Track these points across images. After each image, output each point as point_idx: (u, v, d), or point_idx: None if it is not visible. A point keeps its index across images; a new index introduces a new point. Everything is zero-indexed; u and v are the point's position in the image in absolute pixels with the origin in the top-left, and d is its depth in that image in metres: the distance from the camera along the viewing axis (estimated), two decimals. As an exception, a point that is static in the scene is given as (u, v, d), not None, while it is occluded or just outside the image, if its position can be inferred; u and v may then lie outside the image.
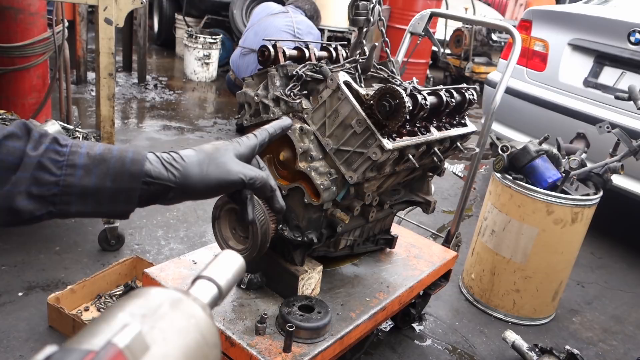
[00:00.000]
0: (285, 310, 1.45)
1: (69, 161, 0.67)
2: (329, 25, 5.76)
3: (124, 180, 0.70)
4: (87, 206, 0.70)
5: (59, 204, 0.68)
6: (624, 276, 3.11)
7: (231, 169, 0.77)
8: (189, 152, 0.76)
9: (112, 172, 0.69)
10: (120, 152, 0.71)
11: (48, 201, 0.67)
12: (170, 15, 6.88)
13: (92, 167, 0.68)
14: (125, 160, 0.70)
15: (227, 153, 0.79)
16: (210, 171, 0.76)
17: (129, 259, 2.22)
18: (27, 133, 0.67)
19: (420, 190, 1.87)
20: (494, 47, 7.33)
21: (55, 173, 0.67)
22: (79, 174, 0.68)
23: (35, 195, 0.66)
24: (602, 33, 3.22)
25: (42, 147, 0.66)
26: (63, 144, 0.68)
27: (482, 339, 2.33)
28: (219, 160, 0.77)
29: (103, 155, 0.69)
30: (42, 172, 0.66)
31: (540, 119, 3.47)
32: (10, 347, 1.86)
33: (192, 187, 0.75)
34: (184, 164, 0.74)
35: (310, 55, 1.66)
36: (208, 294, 0.51)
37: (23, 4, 2.74)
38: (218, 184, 0.76)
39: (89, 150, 0.69)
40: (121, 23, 2.10)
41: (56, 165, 0.67)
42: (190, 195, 0.76)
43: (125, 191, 0.71)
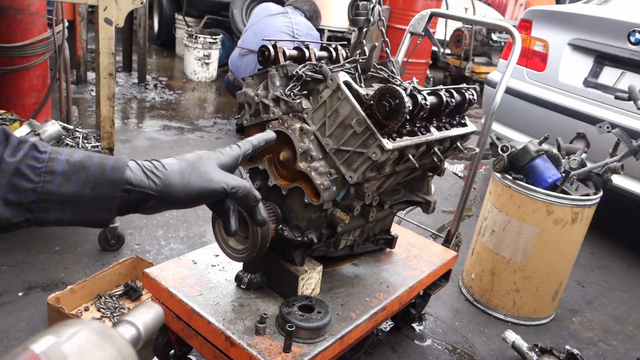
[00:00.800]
0: (285, 310, 1.45)
1: (48, 168, 0.66)
2: (329, 25, 5.76)
3: (104, 187, 0.68)
4: (65, 214, 0.68)
5: (37, 211, 0.66)
6: (624, 276, 3.11)
7: (213, 177, 0.77)
8: (171, 160, 0.75)
9: (91, 179, 0.68)
10: (100, 159, 0.69)
11: (25, 208, 0.65)
12: (170, 15, 6.88)
13: (71, 174, 0.67)
14: (105, 167, 0.68)
15: (210, 162, 0.78)
16: (192, 180, 0.75)
17: (129, 259, 2.22)
18: (5, 139, 0.65)
19: (420, 190, 1.87)
20: (494, 47, 7.33)
21: (33, 180, 0.65)
22: (57, 181, 0.66)
23: (12, 202, 0.64)
24: (602, 33, 3.22)
25: (20, 154, 0.65)
26: (42, 151, 0.66)
27: (482, 339, 2.33)
28: (201, 169, 0.76)
29: (83, 162, 0.68)
30: (20, 179, 0.64)
31: (540, 119, 3.47)
32: (10, 347, 1.86)
33: (174, 196, 0.74)
34: (165, 172, 0.73)
35: (310, 55, 1.66)
36: (127, 332, 0.52)
37: (23, 4, 2.74)
38: (199, 192, 0.75)
39: (68, 157, 0.67)
40: (121, 23, 2.10)
41: (34, 171, 0.65)
42: (172, 204, 0.75)
43: (105, 199, 0.69)
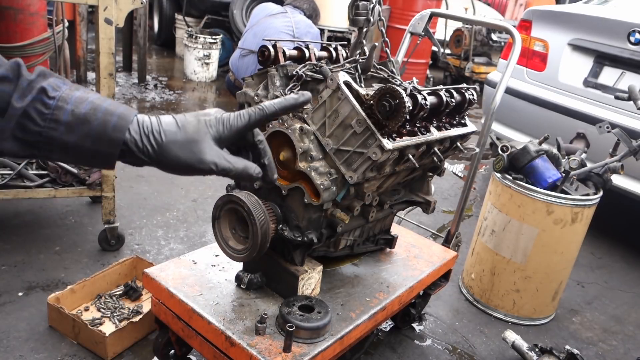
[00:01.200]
0: (285, 310, 1.45)
1: (54, 116, 0.69)
2: (329, 25, 5.76)
3: (103, 144, 0.71)
4: (67, 158, 0.73)
5: (42, 150, 0.71)
6: (624, 276, 3.11)
7: (203, 158, 0.76)
8: (171, 126, 0.76)
9: (93, 134, 0.71)
10: (105, 114, 0.71)
11: (32, 146, 0.70)
12: (170, 15, 6.88)
13: (74, 126, 0.70)
14: (107, 125, 0.71)
15: (206, 138, 0.77)
16: (182, 155, 0.75)
17: (129, 259, 2.22)
18: (17, 78, 0.68)
19: (420, 190, 1.87)
20: (494, 47, 7.33)
21: (39, 124, 0.68)
22: (61, 130, 0.69)
23: (19, 139, 0.69)
24: (602, 33, 3.22)
25: (28, 98, 0.68)
26: (51, 96, 0.69)
27: (482, 339, 2.33)
28: (194, 147, 0.76)
29: (87, 116, 0.70)
30: (27, 121, 0.68)
31: (540, 119, 3.47)
32: (10, 347, 1.86)
33: (166, 165, 0.76)
34: (160, 142, 0.74)
35: (310, 55, 1.66)
36: None
37: (23, 4, 2.74)
38: (187, 168, 0.77)
39: (74, 108, 0.70)
40: (121, 23, 2.10)
41: (41, 116, 0.68)
42: (164, 170, 0.78)
43: (103, 154, 0.73)
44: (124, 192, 3.07)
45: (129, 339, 1.93)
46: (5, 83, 0.68)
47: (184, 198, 3.15)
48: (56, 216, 2.74)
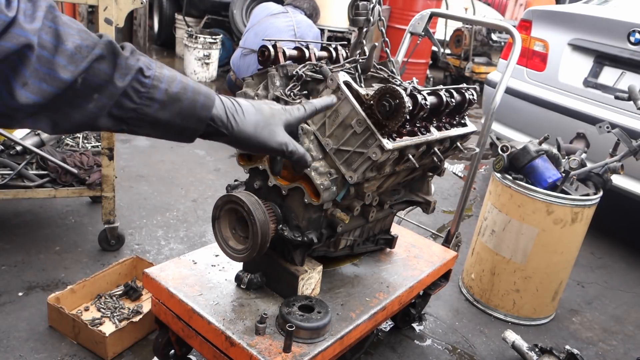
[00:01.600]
0: (285, 310, 1.45)
1: (149, 94, 0.74)
2: (329, 25, 5.75)
3: (192, 121, 0.79)
4: (155, 132, 0.78)
5: (132, 125, 0.76)
6: (624, 276, 3.11)
7: (277, 138, 0.87)
8: (249, 107, 0.85)
9: (184, 112, 0.78)
10: (194, 93, 0.78)
11: (124, 121, 0.75)
12: (170, 15, 6.87)
13: (167, 104, 0.76)
14: (196, 103, 0.79)
15: (279, 122, 0.88)
16: (261, 134, 0.85)
17: (129, 259, 2.22)
18: (114, 57, 0.71)
19: (420, 190, 1.87)
20: (494, 47, 7.33)
21: (136, 101, 0.73)
22: (154, 107, 0.75)
23: (114, 115, 0.73)
24: (602, 33, 3.22)
25: (129, 78, 0.72)
26: (147, 75, 0.74)
27: (482, 339, 2.33)
28: (271, 128, 0.86)
29: (179, 95, 0.77)
30: (125, 99, 0.73)
31: (540, 119, 3.47)
32: (10, 347, 1.86)
33: (242, 141, 0.85)
34: (242, 119, 0.84)
35: (310, 55, 1.66)
36: None
37: None
38: (263, 146, 0.86)
39: (167, 87, 0.75)
40: (121, 23, 2.10)
41: (137, 94, 0.73)
42: (237, 145, 0.86)
43: (191, 130, 0.80)
44: (124, 192, 3.07)
45: (129, 339, 1.93)
46: (104, 62, 0.70)
47: (184, 198, 3.15)
48: (56, 216, 2.74)
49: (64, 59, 0.66)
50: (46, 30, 0.65)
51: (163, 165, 3.58)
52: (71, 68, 0.66)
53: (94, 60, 0.68)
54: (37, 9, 0.64)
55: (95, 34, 0.71)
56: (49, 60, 0.65)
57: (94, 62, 0.68)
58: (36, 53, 0.63)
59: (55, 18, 0.66)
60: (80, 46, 0.67)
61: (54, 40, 0.65)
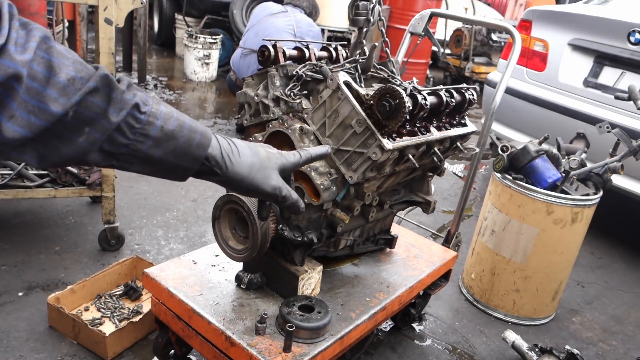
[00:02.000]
0: (285, 310, 1.45)
1: (144, 130, 0.71)
2: (329, 25, 5.76)
3: (186, 159, 0.76)
4: (146, 169, 0.76)
5: (123, 161, 0.73)
6: (624, 276, 3.11)
7: (271, 182, 0.86)
8: (245, 149, 0.84)
9: (178, 150, 0.75)
10: (190, 131, 0.76)
11: (114, 157, 0.72)
12: (170, 15, 6.87)
13: (162, 141, 0.73)
14: (192, 142, 0.76)
15: (275, 166, 0.87)
16: (255, 177, 0.83)
17: (129, 259, 2.22)
18: (109, 90, 0.68)
19: (420, 190, 1.87)
20: (494, 47, 7.33)
21: (129, 137, 0.71)
22: (148, 144, 0.72)
23: (105, 151, 0.70)
24: (602, 33, 3.22)
25: (123, 113, 0.69)
26: (142, 111, 0.71)
27: (482, 339, 2.33)
28: (266, 171, 0.85)
29: (174, 132, 0.74)
30: (118, 134, 0.70)
31: (540, 119, 3.47)
32: (10, 347, 1.86)
33: (235, 183, 0.82)
34: (237, 160, 0.82)
35: (310, 55, 1.66)
36: None
37: (23, 4, 2.74)
38: (255, 189, 0.84)
39: (163, 124, 0.73)
40: (121, 23, 2.10)
41: (131, 130, 0.70)
42: (229, 186, 0.84)
43: (184, 168, 0.77)
44: (124, 192, 3.07)
45: (129, 339, 1.93)
46: (97, 95, 0.67)
47: (184, 198, 3.15)
48: (56, 216, 2.74)
49: (56, 91, 0.63)
50: (38, 61, 0.62)
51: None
52: (62, 101, 0.64)
53: (87, 93, 0.66)
54: (30, 39, 0.61)
55: (91, 66, 0.69)
56: (39, 92, 0.62)
57: (87, 95, 0.66)
58: (25, 84, 0.60)
59: (49, 49, 0.63)
60: (74, 78, 0.65)
61: (46, 72, 0.63)
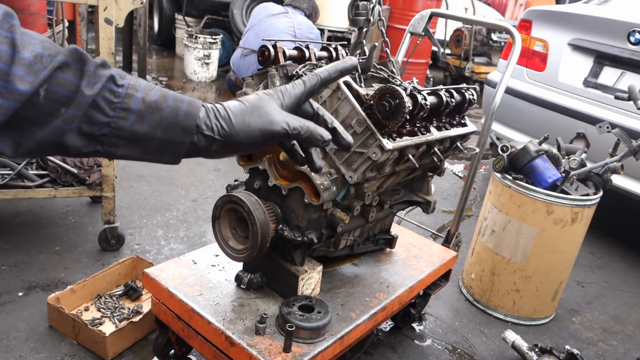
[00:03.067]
0: (285, 310, 1.45)
1: (124, 104, 0.65)
2: (329, 25, 5.75)
3: (175, 132, 0.69)
4: (134, 151, 0.69)
5: (107, 144, 0.67)
6: (624, 276, 3.11)
7: (274, 119, 0.74)
8: (233, 102, 0.75)
9: (164, 122, 0.68)
10: (175, 101, 0.69)
11: (97, 140, 0.66)
12: (170, 15, 6.88)
13: (145, 114, 0.66)
14: (179, 112, 0.68)
15: (270, 102, 0.75)
16: (252, 122, 0.73)
17: (129, 259, 2.22)
18: (81, 64, 0.63)
19: (420, 190, 1.87)
20: (494, 47, 7.33)
21: (108, 114, 0.65)
22: (131, 119, 0.66)
23: (85, 133, 0.65)
24: (602, 33, 3.22)
25: (98, 86, 0.63)
26: (119, 84, 0.65)
27: (482, 339, 2.33)
28: (262, 110, 0.74)
29: (157, 103, 0.67)
30: (95, 111, 0.64)
31: (540, 119, 3.47)
32: (10, 347, 1.86)
33: (236, 139, 0.72)
34: (228, 117, 0.72)
35: (310, 56, 1.66)
36: None
37: (23, 4, 2.74)
38: (261, 134, 0.73)
39: (144, 96, 0.67)
40: (121, 23, 2.10)
41: (110, 106, 0.64)
42: (234, 148, 0.74)
43: (175, 143, 0.70)
44: (124, 192, 3.07)
45: (129, 339, 1.93)
46: (68, 70, 0.62)
47: (184, 198, 3.15)
48: (56, 216, 2.74)
49: (22, 68, 0.59)
50: (2, 40, 0.58)
51: (163, 165, 3.58)
52: (29, 79, 0.59)
53: (57, 69, 0.61)
54: None
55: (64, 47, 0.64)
56: (5, 72, 0.58)
57: (57, 70, 0.61)
58: None
59: (12, 27, 0.60)
60: (41, 55, 0.61)
61: (10, 50, 0.59)
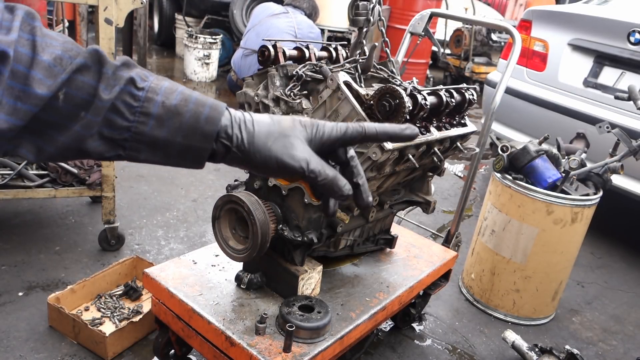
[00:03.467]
0: (285, 310, 1.45)
1: (143, 108, 0.63)
2: (329, 25, 5.76)
3: (196, 138, 0.66)
4: (155, 156, 0.67)
5: (129, 149, 0.65)
6: (624, 276, 3.11)
7: (296, 153, 0.69)
8: (264, 118, 0.71)
9: (184, 127, 0.65)
10: (196, 105, 0.67)
11: (118, 144, 0.64)
12: (170, 15, 6.88)
13: (165, 119, 0.65)
14: (200, 117, 0.66)
15: (300, 135, 0.71)
16: (274, 147, 0.69)
17: (129, 259, 2.22)
18: (100, 66, 0.62)
19: (420, 190, 1.87)
20: (494, 47, 7.33)
21: (128, 118, 0.63)
22: (151, 124, 0.64)
23: (106, 137, 0.63)
24: (602, 33, 3.22)
25: (116, 90, 0.62)
26: (139, 87, 0.64)
27: (482, 339, 2.33)
28: (287, 140, 0.70)
29: (178, 107, 0.65)
30: (115, 115, 0.62)
31: (540, 119, 3.47)
32: (11, 347, 1.86)
33: (251, 157, 0.69)
34: (252, 131, 0.69)
35: (310, 55, 1.66)
36: None
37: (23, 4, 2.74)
38: (277, 163, 0.69)
39: (164, 100, 0.65)
40: (121, 23, 2.10)
41: (130, 110, 0.63)
42: (247, 164, 0.71)
43: (196, 149, 0.67)
44: (124, 192, 3.07)
45: (129, 339, 1.93)
46: (87, 73, 0.61)
47: (184, 198, 3.15)
48: (56, 216, 2.74)
49: (41, 72, 0.58)
50: (22, 42, 0.57)
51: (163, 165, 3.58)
52: (48, 82, 0.58)
53: (75, 71, 0.60)
54: (15, 19, 0.57)
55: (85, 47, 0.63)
56: (24, 75, 0.57)
57: (75, 72, 0.60)
58: (11, 67, 0.56)
59: (33, 29, 0.59)
60: (61, 57, 0.60)
61: (30, 53, 0.58)
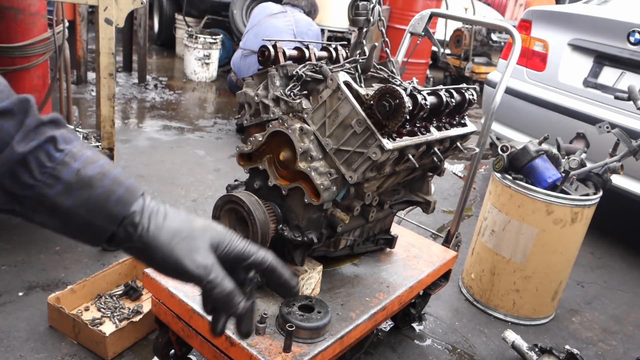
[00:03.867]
0: (285, 310, 1.46)
1: (55, 171, 0.59)
2: (329, 25, 5.76)
3: (100, 216, 0.62)
4: (53, 222, 0.62)
5: (26, 207, 0.61)
6: (624, 276, 3.11)
7: (197, 257, 0.65)
8: (177, 214, 0.67)
9: (92, 202, 0.61)
10: (113, 182, 0.62)
11: (16, 200, 0.60)
12: (171, 16, 6.88)
13: (75, 188, 0.60)
14: (111, 196, 0.62)
15: (210, 240, 0.68)
16: (177, 247, 0.65)
17: (129, 258, 2.22)
18: (23, 115, 0.58)
19: (420, 190, 1.87)
20: (493, 47, 7.33)
21: (36, 177, 0.59)
22: (57, 189, 0.60)
23: (6, 189, 0.59)
24: (602, 33, 3.22)
25: (33, 144, 0.58)
26: (59, 148, 0.60)
27: (482, 339, 2.33)
28: (194, 242, 0.66)
29: (92, 180, 0.61)
30: (23, 170, 0.58)
31: (540, 119, 3.47)
32: (11, 347, 1.86)
33: (151, 251, 0.65)
34: (159, 223, 0.65)
35: (310, 55, 1.66)
36: None
37: (23, 4, 2.74)
38: (175, 264, 0.65)
39: (81, 168, 0.61)
40: (121, 23, 2.10)
41: (40, 169, 0.59)
42: (145, 257, 0.66)
43: (96, 227, 0.63)
44: (124, 192, 3.06)
45: (129, 339, 1.93)
46: (8, 118, 0.57)
47: (184, 198, 3.15)
48: (56, 216, 2.73)
49: None
50: None
51: (163, 165, 3.58)
52: None
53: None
54: None
55: (16, 94, 0.59)
56: None
57: None
58: None
59: None
60: None
61: None
